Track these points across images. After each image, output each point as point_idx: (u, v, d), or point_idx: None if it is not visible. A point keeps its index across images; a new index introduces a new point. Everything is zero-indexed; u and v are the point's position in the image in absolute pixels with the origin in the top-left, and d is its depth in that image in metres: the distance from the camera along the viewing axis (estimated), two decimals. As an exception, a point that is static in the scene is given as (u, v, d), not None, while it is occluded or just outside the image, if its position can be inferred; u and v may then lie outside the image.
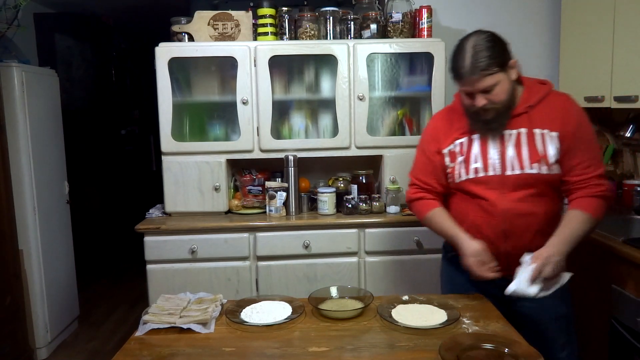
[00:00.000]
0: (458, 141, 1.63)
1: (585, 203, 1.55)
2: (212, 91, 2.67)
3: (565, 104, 1.58)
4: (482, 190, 1.59)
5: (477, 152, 1.60)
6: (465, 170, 1.61)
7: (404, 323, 1.40)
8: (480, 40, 1.47)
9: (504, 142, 1.57)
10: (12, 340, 2.68)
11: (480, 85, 1.48)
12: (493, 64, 1.46)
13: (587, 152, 1.56)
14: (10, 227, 2.72)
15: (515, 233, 1.57)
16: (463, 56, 1.47)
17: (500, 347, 1.24)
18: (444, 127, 1.68)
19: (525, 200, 1.55)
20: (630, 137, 2.50)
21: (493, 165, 1.57)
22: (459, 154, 1.62)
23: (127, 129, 5.07)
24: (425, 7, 2.51)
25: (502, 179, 1.56)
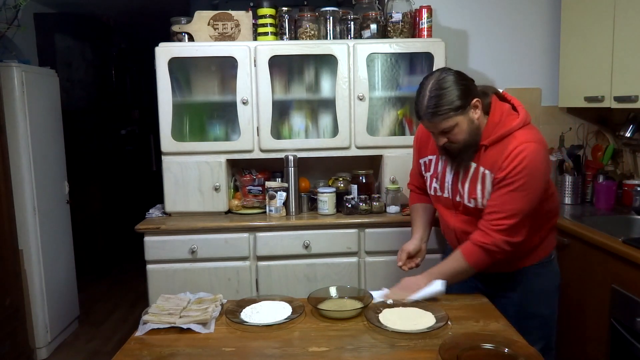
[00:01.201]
0: (428, 157, 1.76)
1: (469, 249, 1.57)
2: (212, 91, 2.67)
3: (516, 150, 1.48)
4: (439, 207, 1.78)
5: (439, 172, 1.71)
6: (429, 184, 1.76)
7: (393, 328, 1.37)
8: (439, 83, 1.47)
9: (458, 172, 1.63)
10: (12, 340, 2.68)
11: (438, 128, 1.51)
12: (449, 109, 1.46)
13: (505, 197, 1.50)
14: (10, 227, 2.72)
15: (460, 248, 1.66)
16: (422, 99, 1.49)
17: (500, 347, 1.24)
18: (424, 139, 1.79)
19: (472, 223, 1.62)
20: (630, 137, 2.51)
21: (447, 188, 1.69)
22: (427, 169, 1.77)
23: (127, 129, 5.07)
24: (425, 7, 2.51)
25: (453, 202, 1.69)
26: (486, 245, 1.53)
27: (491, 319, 1.46)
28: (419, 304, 1.51)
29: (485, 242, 1.53)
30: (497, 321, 1.44)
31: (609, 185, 2.48)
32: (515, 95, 2.83)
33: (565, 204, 2.61)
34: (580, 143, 2.79)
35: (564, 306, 2.29)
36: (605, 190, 2.48)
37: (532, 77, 2.89)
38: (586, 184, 2.63)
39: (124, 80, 5.08)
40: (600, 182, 2.53)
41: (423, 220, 1.88)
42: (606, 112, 2.59)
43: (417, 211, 1.91)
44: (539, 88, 2.90)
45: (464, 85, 1.50)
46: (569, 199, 2.61)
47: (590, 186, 2.63)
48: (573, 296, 2.20)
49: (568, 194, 2.61)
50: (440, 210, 1.77)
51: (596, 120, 2.86)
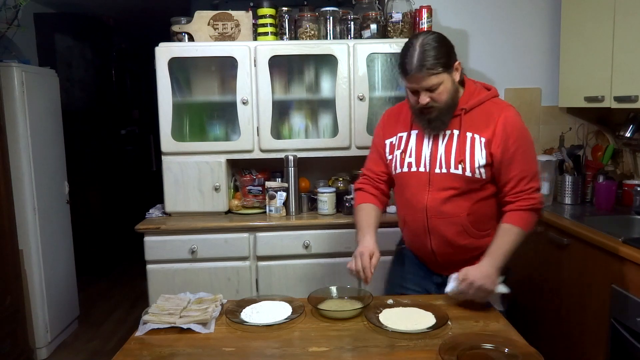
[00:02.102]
0: (399, 134, 1.71)
1: (517, 216, 1.58)
2: (212, 91, 2.67)
3: (502, 115, 1.58)
4: (410, 185, 1.67)
5: (412, 147, 1.66)
6: (400, 163, 1.68)
7: (393, 328, 1.37)
8: (428, 39, 1.51)
9: (437, 142, 1.63)
10: (12, 340, 2.68)
11: (425, 84, 1.52)
12: (439, 64, 1.50)
13: (522, 165, 1.58)
14: (10, 227, 2.72)
15: (437, 230, 1.64)
16: (411, 54, 1.51)
17: (500, 347, 1.24)
18: (391, 121, 1.76)
19: (448, 200, 1.60)
20: (630, 137, 2.50)
21: (424, 161, 1.63)
22: (397, 147, 1.70)
23: (127, 129, 5.06)
24: (425, 7, 2.51)
25: (429, 177, 1.62)
26: (534, 206, 1.58)
27: (491, 319, 1.46)
28: (420, 304, 1.51)
29: (532, 203, 1.58)
30: (497, 321, 1.44)
31: (609, 185, 2.48)
32: (515, 95, 2.90)
33: (565, 204, 2.61)
34: (580, 143, 2.79)
35: (564, 306, 2.29)
36: (605, 190, 2.48)
37: (532, 77, 2.89)
38: (586, 184, 2.63)
39: (124, 80, 5.07)
40: (600, 182, 2.52)
41: (373, 221, 1.72)
42: (606, 112, 2.59)
43: (366, 211, 1.74)
44: (539, 88, 2.90)
45: (449, 46, 1.56)
46: (569, 199, 2.61)
47: (590, 186, 2.63)
48: (573, 296, 2.20)
49: (568, 194, 2.61)
50: (410, 190, 1.66)
51: (596, 120, 2.86)
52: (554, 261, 2.37)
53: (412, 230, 1.71)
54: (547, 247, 2.41)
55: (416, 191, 1.65)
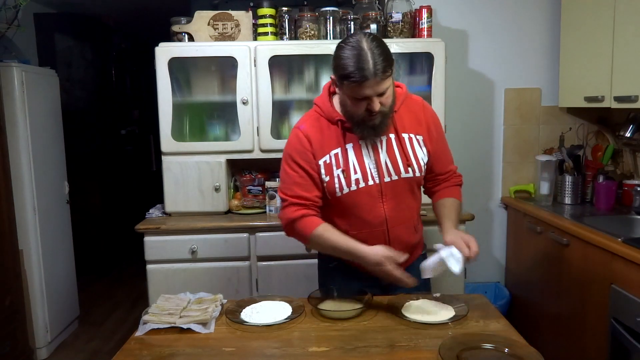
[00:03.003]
0: (333, 152, 1.53)
1: (454, 192, 1.69)
2: (212, 91, 2.67)
3: (422, 108, 1.63)
4: (362, 202, 1.54)
5: (354, 162, 1.53)
6: (346, 182, 1.53)
7: (414, 319, 1.43)
8: (376, 41, 1.41)
9: (377, 149, 1.55)
10: (12, 340, 2.68)
11: (381, 88, 1.41)
12: (390, 65, 1.41)
13: (446, 149, 1.69)
14: (10, 227, 2.71)
15: (397, 237, 1.60)
16: (365, 58, 1.37)
17: (500, 347, 1.25)
18: (316, 137, 1.55)
19: (401, 205, 1.59)
20: (630, 137, 2.50)
21: (370, 174, 1.53)
22: (336, 166, 1.53)
23: (127, 129, 5.07)
24: (425, 7, 2.51)
25: (381, 187, 1.55)
26: (461, 181, 1.74)
27: (491, 319, 1.46)
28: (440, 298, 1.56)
29: (460, 179, 1.73)
30: (497, 321, 1.44)
31: (609, 185, 2.48)
32: (515, 95, 2.90)
33: (565, 204, 2.61)
34: (580, 143, 2.79)
35: (564, 306, 2.29)
36: (605, 190, 2.48)
37: (532, 77, 2.89)
38: (586, 184, 2.63)
39: (124, 80, 5.08)
40: (600, 182, 2.53)
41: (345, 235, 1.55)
42: (606, 112, 2.59)
43: (331, 230, 1.54)
44: (539, 88, 2.90)
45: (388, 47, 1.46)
46: (569, 199, 2.61)
47: (590, 186, 2.63)
48: (573, 296, 2.20)
49: (568, 194, 2.61)
50: (362, 207, 1.55)
51: (596, 120, 2.86)
52: (554, 261, 2.37)
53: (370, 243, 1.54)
54: (547, 247, 2.42)
55: (370, 206, 1.55)
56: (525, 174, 2.93)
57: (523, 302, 2.76)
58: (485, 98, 2.90)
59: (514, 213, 2.85)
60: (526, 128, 2.91)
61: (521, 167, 2.93)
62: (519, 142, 2.92)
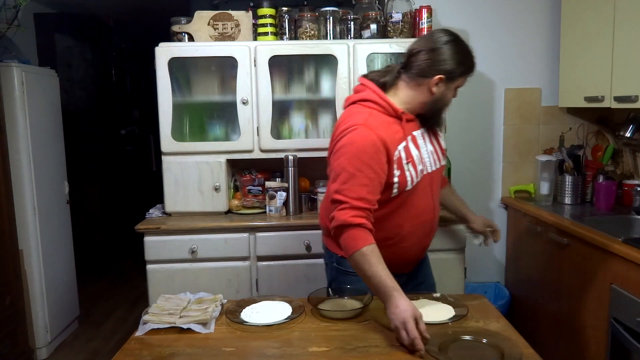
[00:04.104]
0: (400, 146, 1.53)
1: (444, 179, 1.86)
2: (212, 91, 2.67)
3: None
4: (420, 191, 1.59)
5: (416, 154, 1.56)
6: (415, 174, 1.55)
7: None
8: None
9: (426, 139, 1.64)
10: (12, 340, 2.68)
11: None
12: None
13: None
14: (10, 227, 2.72)
15: (435, 226, 1.73)
16: (471, 53, 1.59)
17: (479, 337, 1.30)
18: (386, 134, 1.51)
19: (438, 192, 1.71)
20: (630, 137, 2.50)
21: (429, 161, 1.62)
22: (406, 160, 1.53)
23: (127, 129, 5.07)
24: (425, 7, 2.51)
25: (430, 176, 1.63)
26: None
27: (491, 319, 1.46)
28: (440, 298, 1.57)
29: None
30: (497, 321, 1.44)
31: (609, 185, 2.48)
32: (515, 95, 2.90)
33: (565, 204, 2.61)
34: (580, 143, 2.79)
35: (564, 306, 2.29)
36: (605, 190, 2.48)
37: (532, 77, 2.89)
38: (586, 184, 2.63)
39: (124, 80, 5.08)
40: (600, 182, 2.53)
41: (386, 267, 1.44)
42: (606, 112, 2.59)
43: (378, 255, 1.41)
44: (539, 88, 2.90)
45: None
46: (569, 199, 2.61)
47: (590, 186, 2.63)
48: (573, 296, 2.20)
49: (568, 194, 2.61)
50: (420, 196, 1.59)
51: (596, 120, 2.86)
52: (554, 261, 2.37)
53: (415, 238, 1.63)
54: (547, 247, 2.42)
55: (424, 196, 1.61)
56: (525, 174, 2.93)
57: (523, 302, 2.76)
58: (485, 98, 2.90)
59: (514, 213, 2.85)
60: (526, 128, 2.91)
61: (521, 167, 2.93)
62: (519, 142, 2.92)
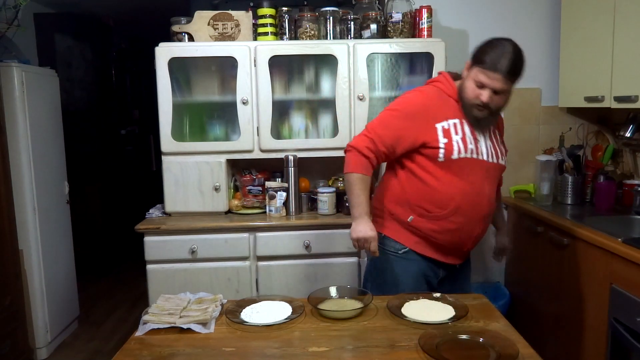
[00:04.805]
0: (452, 121, 1.69)
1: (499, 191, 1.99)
2: (212, 91, 2.67)
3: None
4: (473, 172, 1.70)
5: (469, 136, 1.69)
6: (464, 147, 1.67)
7: (414, 319, 1.43)
8: (518, 51, 1.61)
9: (487, 133, 1.75)
10: (12, 340, 2.68)
11: (499, 86, 1.60)
12: (519, 75, 1.63)
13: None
14: (10, 227, 2.71)
15: (487, 218, 1.78)
16: (506, 56, 1.57)
17: (476, 337, 1.30)
18: (438, 104, 1.71)
19: (494, 188, 1.79)
20: (630, 137, 2.50)
21: (485, 151, 1.72)
22: (454, 133, 1.68)
23: (127, 129, 5.07)
24: (425, 7, 2.51)
25: (488, 166, 1.73)
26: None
27: (491, 319, 1.46)
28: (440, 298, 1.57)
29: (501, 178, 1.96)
30: (497, 321, 1.44)
31: (609, 185, 2.48)
32: (515, 95, 2.82)
33: (565, 204, 2.61)
34: (580, 143, 2.79)
35: (564, 306, 2.29)
36: (605, 190, 2.48)
37: (532, 77, 2.89)
38: (586, 184, 2.63)
39: (124, 80, 5.08)
40: (600, 182, 2.53)
41: (368, 199, 1.73)
42: (606, 112, 2.59)
43: (367, 185, 1.71)
44: (539, 88, 2.90)
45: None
46: (569, 199, 2.61)
47: (590, 186, 2.63)
48: (573, 296, 2.20)
49: (568, 194, 2.61)
50: (472, 177, 1.68)
51: (596, 120, 2.86)
52: (554, 261, 2.37)
53: (467, 216, 1.70)
54: (547, 247, 2.42)
55: (477, 178, 1.70)
56: (525, 174, 2.93)
57: (523, 302, 2.76)
58: (485, 98, 2.90)
59: (514, 213, 2.85)
60: (526, 128, 2.91)
61: (521, 167, 2.93)
62: (519, 142, 2.91)
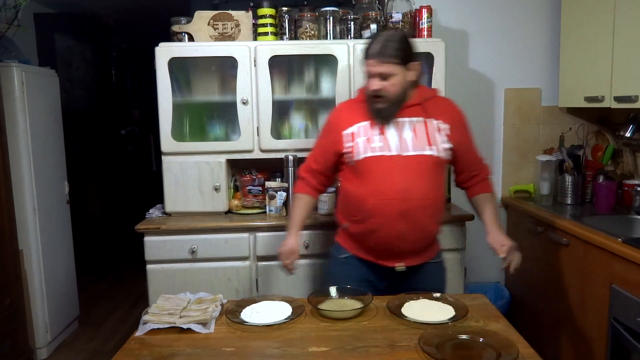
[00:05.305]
0: (361, 124, 1.75)
1: (486, 184, 1.86)
2: (212, 91, 2.67)
3: (450, 104, 1.84)
4: (380, 169, 1.70)
5: (375, 134, 1.72)
6: (364, 148, 1.71)
7: (414, 319, 1.43)
8: (393, 35, 1.68)
9: (400, 127, 1.73)
10: (12, 340, 2.68)
11: (379, 69, 1.64)
12: (395, 55, 1.63)
13: (474, 144, 1.86)
14: (10, 227, 2.72)
15: (413, 217, 1.69)
16: (375, 42, 1.65)
17: (476, 337, 1.30)
18: (346, 113, 1.82)
19: (419, 182, 1.70)
20: (630, 137, 2.51)
21: (395, 145, 1.70)
22: (360, 135, 1.73)
23: (127, 129, 5.06)
24: (425, 7, 2.51)
25: (401, 159, 1.70)
26: (490, 173, 1.90)
27: (491, 319, 1.46)
28: (440, 298, 1.57)
29: (489, 171, 1.89)
30: (497, 321, 1.45)
31: (609, 185, 2.48)
32: (515, 95, 2.90)
33: (565, 204, 2.61)
34: (580, 143, 2.79)
35: (564, 306, 2.29)
36: (605, 190, 2.48)
37: (532, 77, 2.89)
38: (586, 184, 2.63)
39: (124, 80, 5.08)
40: (600, 182, 2.53)
41: (305, 216, 1.90)
42: (606, 112, 2.59)
43: (305, 203, 1.90)
44: (539, 88, 2.90)
45: (410, 46, 1.69)
46: (569, 199, 2.61)
47: (590, 186, 2.63)
48: (573, 296, 2.20)
49: (568, 194, 2.61)
50: (379, 175, 1.69)
51: (596, 120, 2.86)
52: (554, 261, 2.37)
53: (383, 217, 1.69)
54: (547, 247, 2.42)
55: (388, 175, 1.69)
56: (525, 174, 2.93)
57: (523, 302, 2.76)
58: (485, 98, 2.90)
59: (514, 213, 2.85)
60: (526, 128, 2.91)
61: (521, 167, 2.93)
62: (519, 142, 2.92)
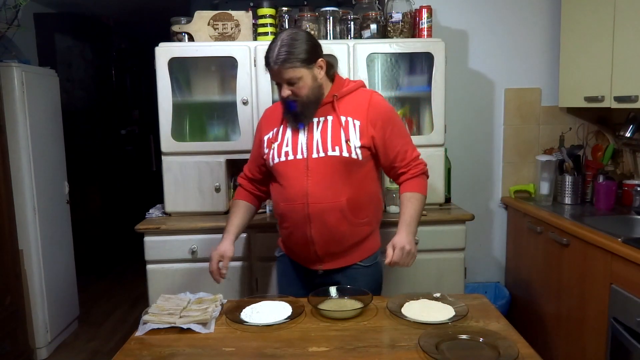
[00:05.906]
0: (275, 129, 1.75)
1: (414, 183, 1.73)
2: (212, 91, 2.67)
3: (371, 98, 1.71)
4: (288, 174, 1.69)
5: (289, 138, 1.70)
6: (277, 153, 1.71)
7: (414, 319, 1.43)
8: (291, 36, 1.60)
9: (312, 129, 1.69)
10: (12, 340, 2.68)
11: (284, 76, 1.60)
12: (294, 59, 1.57)
13: (399, 139, 1.72)
14: (10, 227, 2.72)
15: (318, 217, 1.66)
16: (273, 48, 1.59)
17: (476, 337, 1.30)
18: (267, 118, 1.83)
19: (327, 185, 1.65)
20: (630, 137, 2.51)
21: (301, 149, 1.67)
22: (274, 141, 1.74)
23: (127, 129, 5.07)
24: (425, 7, 2.51)
25: (307, 163, 1.66)
26: (424, 170, 1.76)
27: (491, 319, 1.46)
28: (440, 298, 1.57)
29: (422, 168, 1.75)
30: (497, 321, 1.44)
31: (609, 185, 2.48)
32: (515, 95, 2.90)
33: (565, 204, 2.61)
34: (580, 143, 2.79)
35: (564, 306, 2.29)
36: (605, 190, 2.48)
37: (532, 77, 2.89)
38: (586, 184, 2.63)
39: (124, 80, 5.08)
40: (600, 182, 2.53)
41: (238, 223, 1.86)
42: (606, 112, 2.59)
43: (240, 208, 1.89)
44: (539, 88, 2.90)
45: (312, 44, 1.63)
46: (569, 199, 2.61)
47: (590, 186, 2.63)
48: (573, 296, 2.20)
49: (568, 194, 2.61)
50: (288, 180, 1.69)
51: (596, 120, 2.86)
52: (554, 261, 2.37)
53: (292, 221, 1.71)
54: (547, 247, 2.42)
55: (294, 179, 1.68)
56: (525, 174, 2.93)
57: (523, 302, 2.76)
58: (485, 98, 2.90)
59: (514, 213, 2.85)
60: (526, 128, 2.91)
61: (521, 167, 2.93)
62: (519, 142, 2.92)
